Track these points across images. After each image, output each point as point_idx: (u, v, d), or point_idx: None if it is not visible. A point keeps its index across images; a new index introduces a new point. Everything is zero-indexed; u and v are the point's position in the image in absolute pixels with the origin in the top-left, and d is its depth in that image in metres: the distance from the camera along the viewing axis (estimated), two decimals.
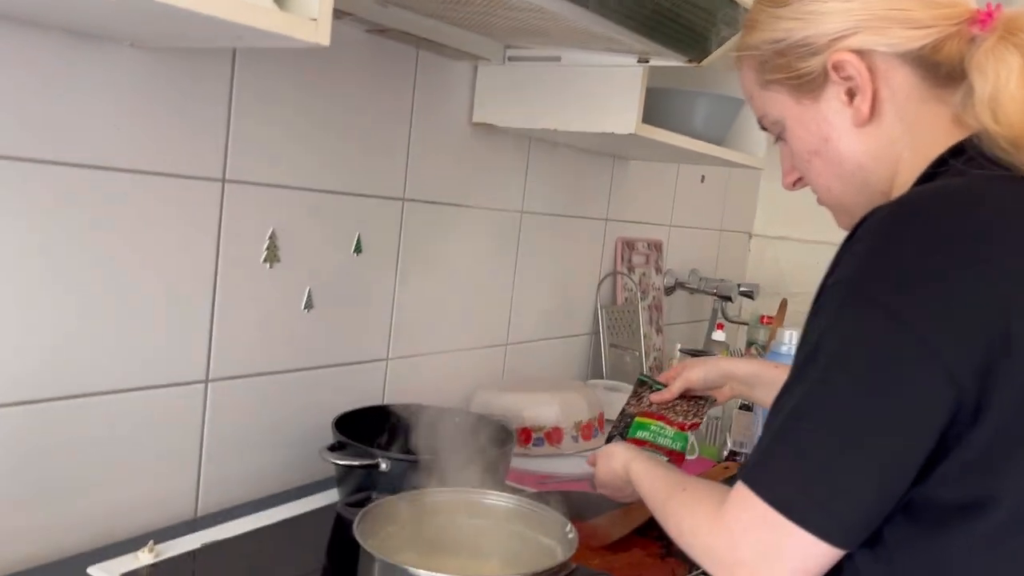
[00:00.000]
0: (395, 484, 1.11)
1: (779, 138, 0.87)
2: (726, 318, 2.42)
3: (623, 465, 1.00)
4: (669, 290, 2.34)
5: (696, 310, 2.59)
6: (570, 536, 0.89)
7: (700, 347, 2.29)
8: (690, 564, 1.10)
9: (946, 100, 0.76)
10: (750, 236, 2.89)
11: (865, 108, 0.77)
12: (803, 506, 0.68)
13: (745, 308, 2.58)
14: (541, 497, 0.99)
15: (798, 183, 0.89)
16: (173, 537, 1.05)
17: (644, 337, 2.14)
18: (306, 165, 1.24)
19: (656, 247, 2.27)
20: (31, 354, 0.96)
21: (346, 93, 1.28)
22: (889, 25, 0.74)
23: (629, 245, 2.13)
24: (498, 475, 1.19)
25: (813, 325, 0.71)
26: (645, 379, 1.24)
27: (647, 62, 1.31)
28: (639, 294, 2.15)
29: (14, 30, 0.89)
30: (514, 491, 0.98)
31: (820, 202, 0.88)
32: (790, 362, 1.44)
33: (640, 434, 1.17)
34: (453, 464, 1.12)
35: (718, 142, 1.73)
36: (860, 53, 0.76)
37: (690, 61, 1.27)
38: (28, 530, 0.99)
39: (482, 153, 1.58)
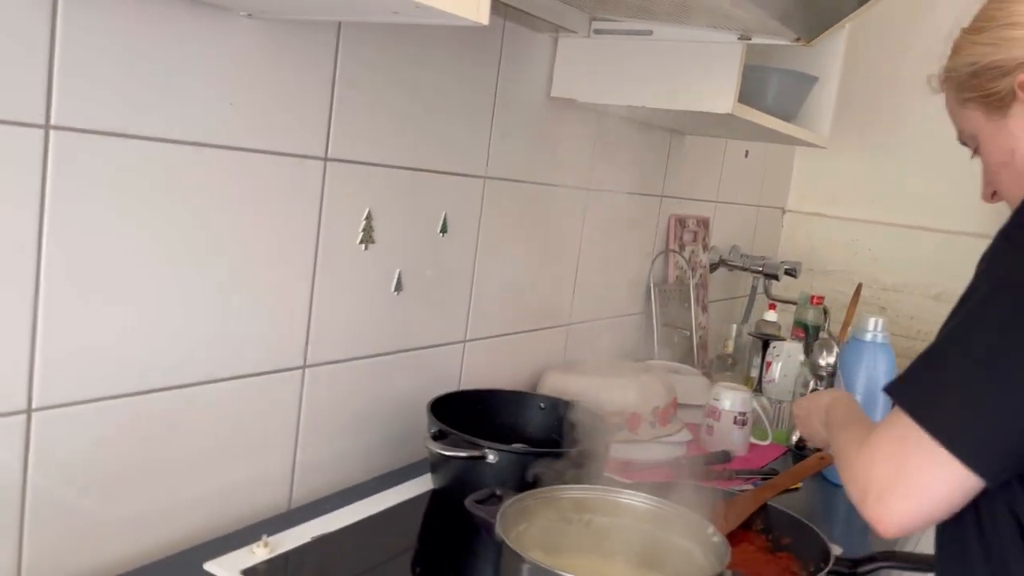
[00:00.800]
0: (499, 476, 1.09)
1: (975, 152, 0.93)
2: (771, 297, 2.39)
3: (830, 397, 1.05)
4: (713, 267, 2.31)
5: (733, 287, 2.56)
6: (715, 540, 0.86)
7: (746, 324, 2.27)
8: (803, 561, 1.09)
9: None
10: (784, 212, 2.86)
11: None
12: (942, 418, 0.73)
13: (781, 284, 2.55)
14: (665, 490, 0.96)
15: (995, 196, 0.93)
16: (279, 528, 1.02)
17: (693, 316, 2.11)
18: (400, 143, 1.19)
19: (704, 224, 2.23)
20: (134, 345, 0.91)
21: (436, 69, 1.22)
22: None
23: (681, 222, 2.10)
24: (600, 466, 1.16)
25: (979, 271, 0.77)
26: None
27: (749, 39, 1.27)
28: (689, 272, 2.12)
29: None
30: (644, 488, 0.95)
31: None
32: (875, 350, 1.41)
33: None
34: (559, 455, 1.10)
35: (789, 118, 1.69)
36: None
37: (798, 40, 1.22)
38: (133, 523, 0.95)
39: (556, 129, 1.53)
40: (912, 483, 0.73)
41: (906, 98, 2.49)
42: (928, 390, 0.75)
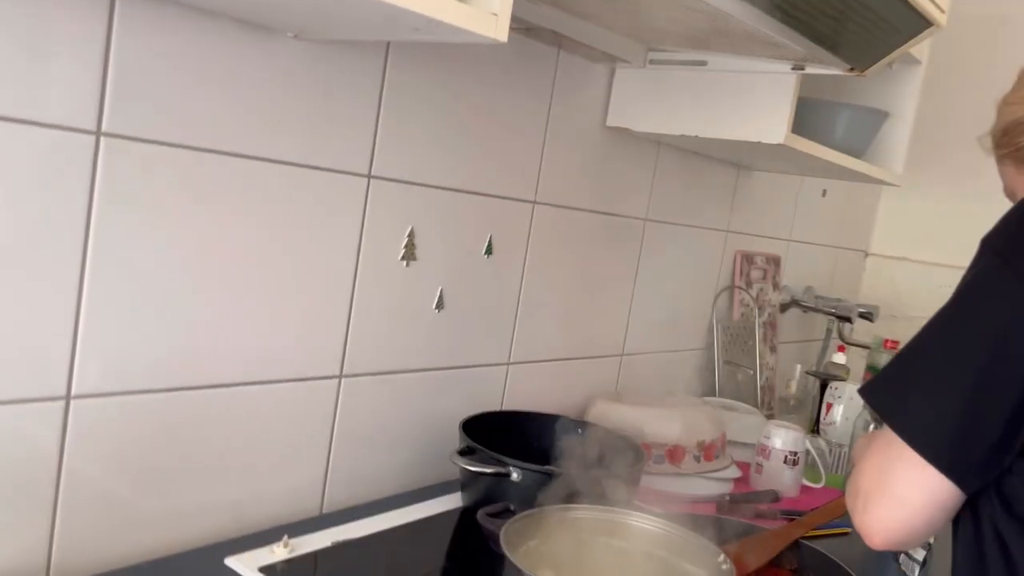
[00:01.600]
0: (524, 494, 1.08)
1: None
2: (843, 339, 2.32)
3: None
4: (784, 307, 2.26)
5: (807, 329, 2.49)
6: (724, 567, 0.84)
7: (818, 368, 2.20)
8: None
9: None
10: (866, 255, 2.77)
11: None
12: (910, 421, 0.75)
13: (858, 329, 2.46)
14: (689, 520, 0.94)
15: None
16: (303, 532, 1.04)
17: (758, 355, 2.06)
18: (445, 164, 1.22)
19: (774, 262, 2.18)
20: (175, 342, 0.96)
21: (487, 93, 1.26)
22: None
23: (748, 259, 2.06)
24: (629, 493, 1.14)
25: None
26: None
27: (802, 69, 1.25)
28: (756, 310, 2.07)
29: (187, 17, 0.89)
30: (659, 513, 0.94)
31: None
32: None
33: None
34: (584, 479, 1.09)
35: (858, 155, 1.65)
36: None
37: (852, 70, 1.20)
38: (163, 516, 0.99)
39: (611, 158, 1.54)
40: (890, 489, 0.75)
41: None
42: (895, 388, 0.79)
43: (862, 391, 0.82)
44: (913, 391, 0.77)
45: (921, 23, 1.09)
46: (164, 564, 0.95)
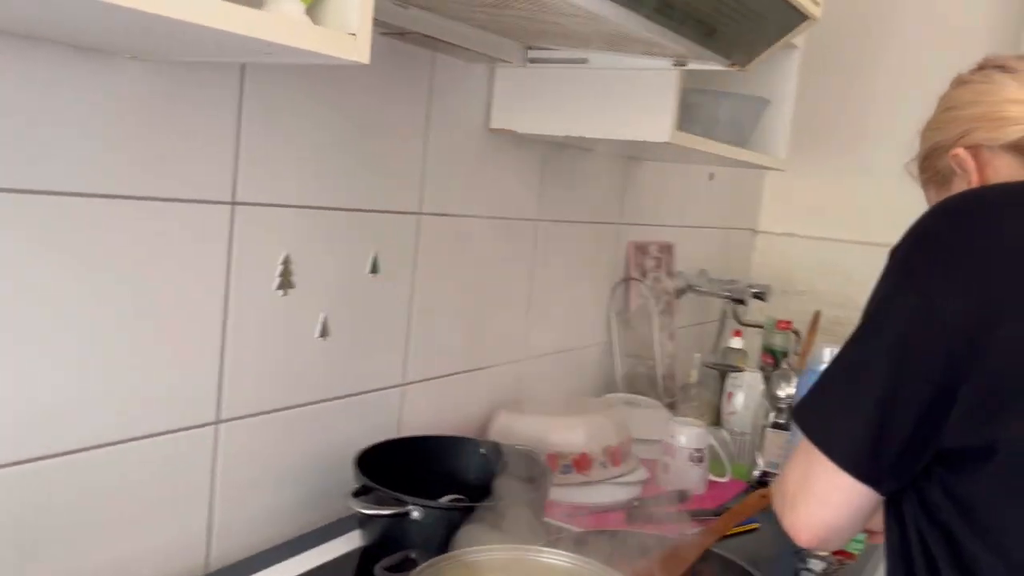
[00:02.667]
0: (426, 532, 1.03)
1: None
2: (738, 321, 2.34)
3: None
4: (679, 293, 2.26)
5: (703, 312, 2.51)
6: None
7: (716, 358, 2.21)
8: None
9: None
10: (755, 233, 2.82)
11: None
12: (822, 429, 0.80)
13: (753, 307, 2.50)
14: (601, 541, 0.91)
15: None
16: None
17: (656, 344, 2.06)
18: (319, 182, 1.14)
19: (667, 250, 2.18)
20: (25, 406, 0.86)
21: (359, 103, 1.18)
22: (994, 124, 0.90)
23: (641, 249, 2.05)
24: (537, 515, 1.10)
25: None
26: None
27: (684, 66, 1.22)
28: (652, 300, 2.07)
29: (5, 44, 0.78)
30: (570, 547, 0.89)
31: None
32: None
33: None
34: (489, 508, 1.04)
35: (742, 143, 1.65)
36: (972, 148, 0.92)
37: (733, 65, 1.18)
38: None
39: (497, 161, 1.48)
40: (812, 491, 0.80)
41: (873, 116, 2.45)
42: (814, 404, 0.83)
43: (793, 414, 0.86)
44: (829, 404, 0.82)
45: (797, 17, 1.07)
46: None
